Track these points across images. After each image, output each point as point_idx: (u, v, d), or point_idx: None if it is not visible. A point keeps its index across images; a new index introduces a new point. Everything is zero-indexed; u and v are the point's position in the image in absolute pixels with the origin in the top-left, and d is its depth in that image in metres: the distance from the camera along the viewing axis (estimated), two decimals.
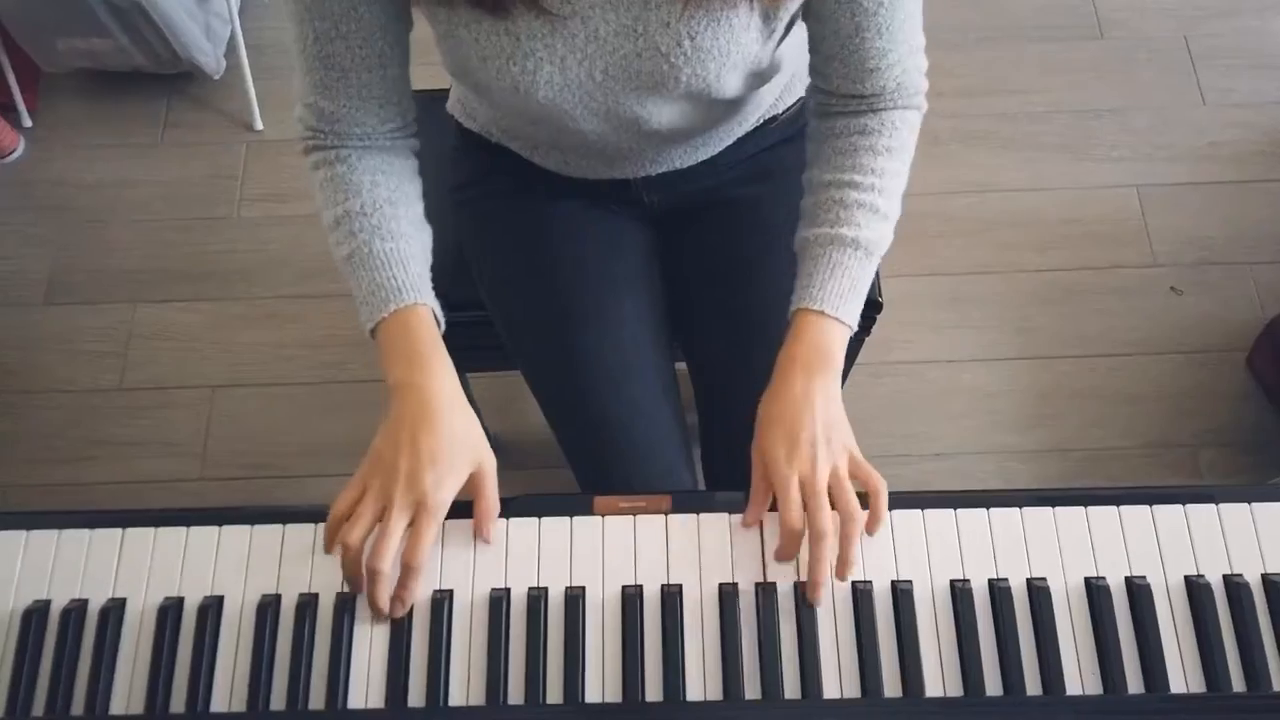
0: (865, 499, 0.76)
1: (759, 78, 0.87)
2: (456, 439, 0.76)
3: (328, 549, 0.75)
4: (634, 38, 0.77)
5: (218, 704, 0.71)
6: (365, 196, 0.82)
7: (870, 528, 0.75)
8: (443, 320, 0.83)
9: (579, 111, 0.84)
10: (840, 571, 0.73)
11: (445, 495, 0.74)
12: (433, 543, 0.73)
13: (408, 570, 0.72)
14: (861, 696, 0.70)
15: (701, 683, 0.71)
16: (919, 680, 0.70)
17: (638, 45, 0.77)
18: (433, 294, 0.82)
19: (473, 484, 0.76)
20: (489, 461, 0.77)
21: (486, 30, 0.76)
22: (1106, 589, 0.73)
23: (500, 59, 0.78)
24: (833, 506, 0.74)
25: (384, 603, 0.72)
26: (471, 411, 0.79)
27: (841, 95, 0.85)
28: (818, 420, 0.76)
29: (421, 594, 0.74)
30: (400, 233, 0.82)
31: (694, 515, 0.76)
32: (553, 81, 0.79)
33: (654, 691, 0.70)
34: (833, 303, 0.80)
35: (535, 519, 0.77)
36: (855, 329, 0.81)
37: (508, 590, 0.74)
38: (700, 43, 0.76)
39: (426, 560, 0.72)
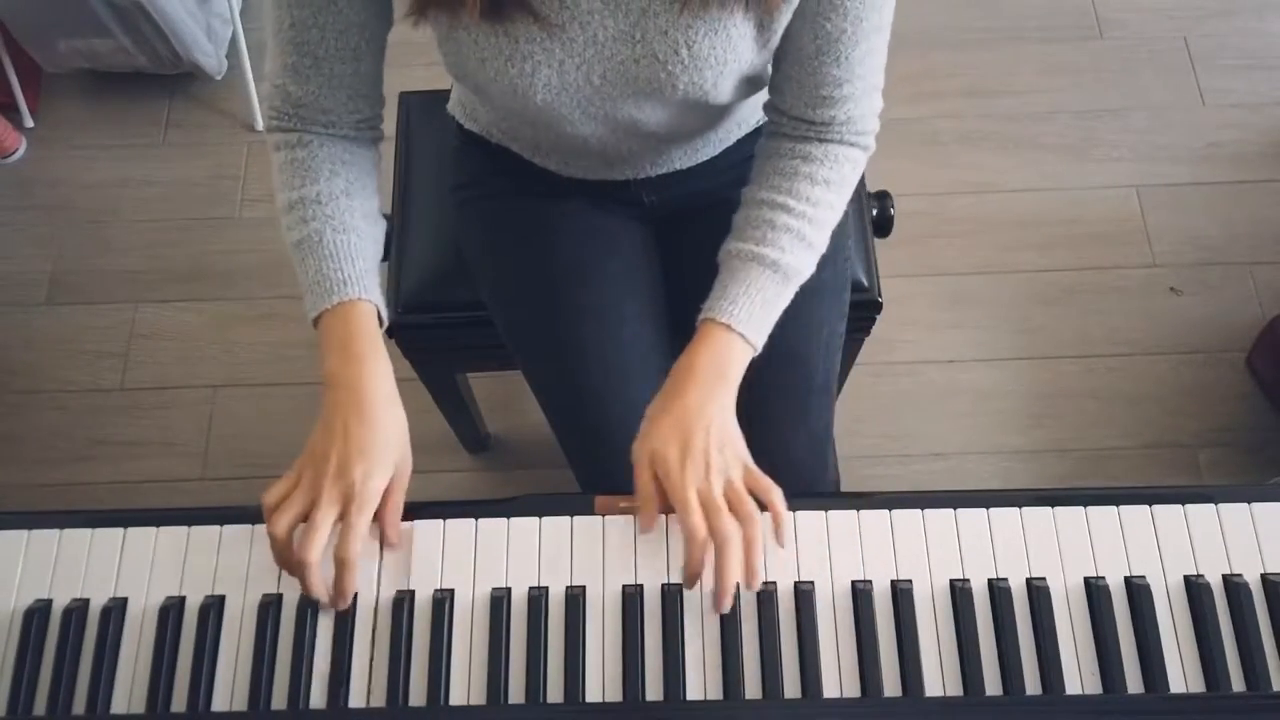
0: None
1: (755, 84, 0.87)
2: (388, 433, 0.76)
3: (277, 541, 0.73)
4: (632, 44, 0.77)
5: (219, 703, 0.71)
6: (323, 185, 0.82)
7: (778, 536, 0.75)
8: (385, 318, 0.82)
9: (576, 115, 0.84)
10: (749, 580, 0.72)
11: (375, 487, 0.73)
12: (364, 535, 0.72)
13: (340, 565, 0.71)
14: (861, 696, 0.70)
15: (701, 682, 0.71)
16: (919, 680, 0.70)
17: (635, 52, 0.77)
18: (379, 291, 0.82)
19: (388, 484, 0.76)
20: (407, 463, 0.77)
21: (485, 33, 0.77)
22: (1106, 589, 0.73)
23: (499, 61, 0.78)
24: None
25: (320, 592, 0.71)
26: (403, 412, 0.78)
27: (793, 117, 0.85)
28: (711, 433, 0.76)
29: (422, 593, 0.74)
30: (353, 226, 0.82)
31: None
32: (550, 85, 0.80)
33: (654, 691, 0.71)
34: (741, 319, 0.80)
35: (535, 519, 0.77)
36: (759, 350, 0.81)
37: (508, 590, 0.74)
38: (698, 51, 0.77)
39: (359, 554, 0.72)
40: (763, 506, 0.75)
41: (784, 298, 0.83)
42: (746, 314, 0.80)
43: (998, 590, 0.73)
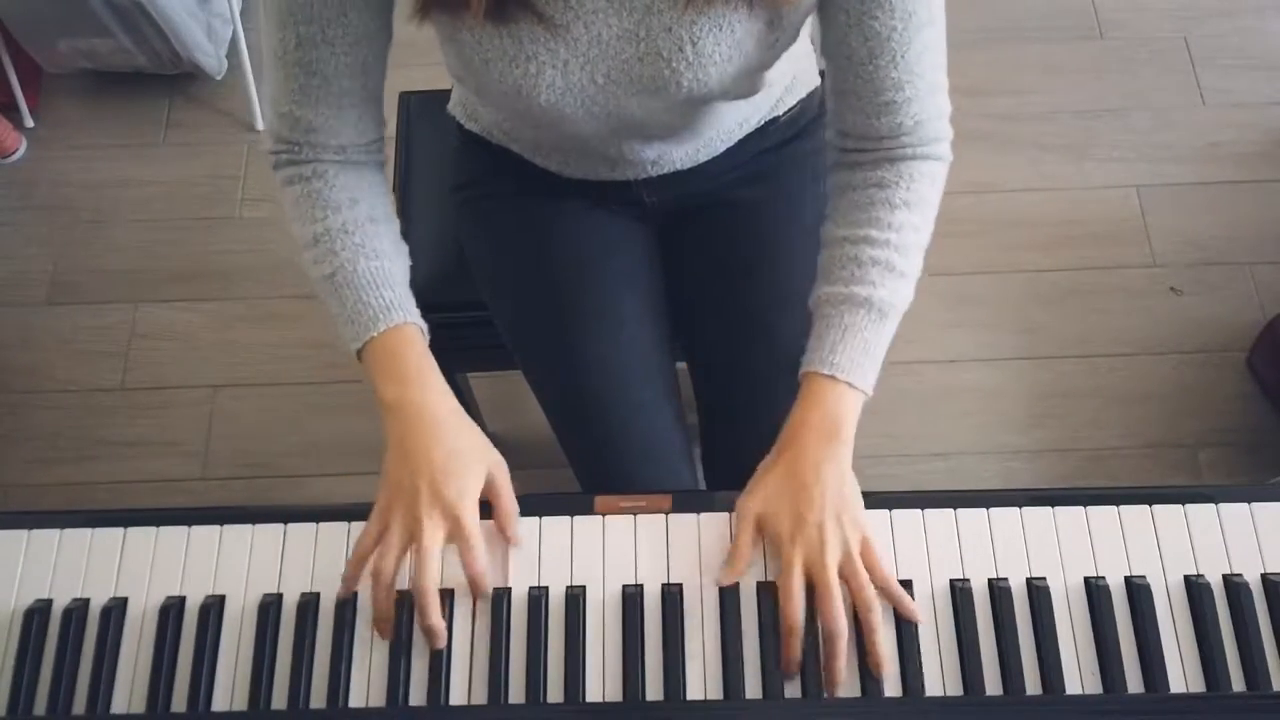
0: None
1: (759, 84, 0.87)
2: (466, 447, 0.76)
3: (350, 586, 0.73)
4: (636, 42, 0.77)
5: (219, 703, 0.71)
6: (346, 214, 0.81)
7: (911, 618, 0.71)
8: (427, 336, 0.82)
9: (580, 115, 0.84)
10: (876, 670, 0.70)
11: (471, 503, 0.74)
12: (483, 548, 0.73)
13: (474, 582, 0.72)
14: (861, 696, 0.70)
15: (702, 682, 0.71)
16: (919, 680, 0.70)
17: (640, 50, 0.77)
18: (418, 312, 0.82)
19: (488, 489, 0.76)
20: (501, 465, 0.78)
21: (489, 34, 0.76)
22: (1106, 589, 0.73)
23: (502, 62, 0.77)
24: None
25: (438, 621, 0.71)
26: (472, 420, 0.78)
27: (858, 136, 0.81)
28: (828, 497, 0.72)
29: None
30: (384, 251, 0.81)
31: (694, 515, 0.77)
32: (555, 85, 0.79)
33: (654, 691, 0.71)
34: (845, 367, 0.76)
35: (536, 519, 0.77)
36: (870, 394, 0.77)
37: (509, 590, 0.74)
38: (702, 48, 0.76)
39: (484, 566, 0.72)
40: None
41: (885, 335, 0.78)
42: (848, 360, 0.76)
43: (998, 590, 0.73)
